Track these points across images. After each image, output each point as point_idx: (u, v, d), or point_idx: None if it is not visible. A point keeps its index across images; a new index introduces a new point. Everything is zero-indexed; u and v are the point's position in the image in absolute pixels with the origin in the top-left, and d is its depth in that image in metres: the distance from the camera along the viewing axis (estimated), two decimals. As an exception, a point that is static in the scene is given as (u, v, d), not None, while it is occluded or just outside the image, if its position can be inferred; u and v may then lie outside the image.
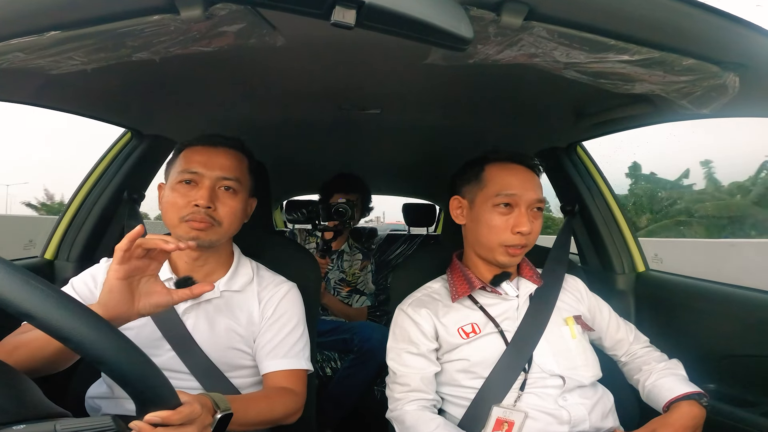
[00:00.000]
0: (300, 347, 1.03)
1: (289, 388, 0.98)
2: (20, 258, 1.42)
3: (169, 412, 0.59)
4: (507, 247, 1.01)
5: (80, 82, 1.06)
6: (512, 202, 1.01)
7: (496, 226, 1.01)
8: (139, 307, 0.77)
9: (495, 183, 1.04)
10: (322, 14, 0.53)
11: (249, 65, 1.08)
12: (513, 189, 1.01)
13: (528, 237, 1.01)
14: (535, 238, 1.04)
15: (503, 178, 1.03)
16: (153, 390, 0.57)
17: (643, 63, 0.72)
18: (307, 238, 2.18)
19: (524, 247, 1.02)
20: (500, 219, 1.01)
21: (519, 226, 0.99)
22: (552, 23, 0.65)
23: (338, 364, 1.82)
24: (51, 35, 0.66)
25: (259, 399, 0.92)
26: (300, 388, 1.00)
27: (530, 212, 1.02)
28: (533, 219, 1.02)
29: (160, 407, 0.59)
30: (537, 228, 1.03)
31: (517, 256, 1.03)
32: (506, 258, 1.03)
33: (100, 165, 1.48)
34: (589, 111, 1.27)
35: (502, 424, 0.94)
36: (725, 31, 0.65)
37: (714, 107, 0.79)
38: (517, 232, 1.00)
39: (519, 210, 1.01)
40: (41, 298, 0.50)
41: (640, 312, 1.46)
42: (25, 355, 0.79)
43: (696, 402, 0.97)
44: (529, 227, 1.00)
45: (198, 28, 0.68)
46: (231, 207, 0.97)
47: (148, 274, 0.77)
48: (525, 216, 1.00)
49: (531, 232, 1.01)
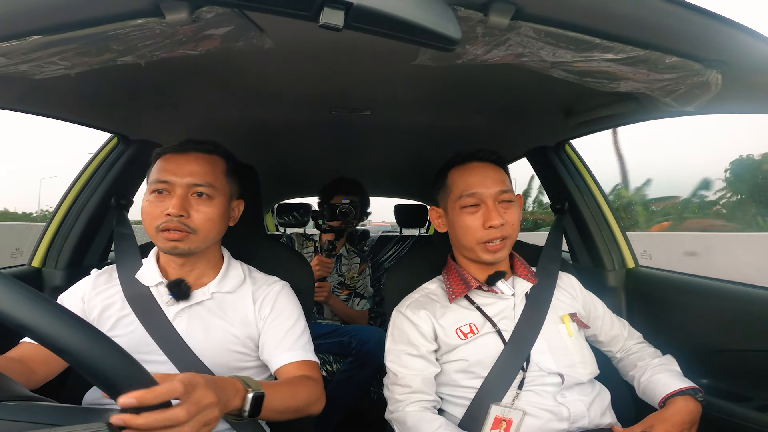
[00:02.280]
0: (305, 340, 1.02)
1: (308, 375, 0.96)
2: (6, 267, 1.40)
3: (142, 391, 0.53)
4: (485, 244, 1.03)
5: (65, 87, 1.05)
6: (477, 201, 1.03)
7: (469, 226, 1.03)
8: None
9: (457, 186, 1.06)
10: (311, 16, 0.53)
11: (237, 68, 1.07)
12: (474, 187, 1.04)
13: (503, 229, 1.02)
14: (513, 229, 1.04)
15: (464, 179, 1.06)
16: (122, 372, 0.52)
17: (627, 61, 0.72)
18: (305, 243, 2.17)
19: (504, 239, 1.03)
20: (471, 219, 1.03)
21: (489, 220, 1.01)
22: (538, 23, 0.66)
23: (333, 367, 1.82)
24: (33, 40, 0.65)
25: (281, 385, 0.90)
26: (317, 375, 0.98)
27: (499, 205, 1.03)
28: (504, 210, 1.03)
29: (134, 389, 0.53)
30: (511, 218, 1.04)
31: (500, 251, 1.03)
32: (488, 255, 1.03)
33: (87, 171, 1.46)
34: (577, 109, 1.28)
35: (501, 423, 0.94)
36: (707, 29, 0.66)
37: (697, 104, 0.80)
38: (489, 226, 1.01)
39: (486, 206, 1.03)
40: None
41: (631, 308, 1.48)
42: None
43: (691, 397, 0.98)
44: (500, 219, 1.01)
45: (184, 32, 0.67)
46: (205, 213, 0.95)
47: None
48: (494, 210, 1.02)
49: (505, 223, 1.02)
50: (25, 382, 0.77)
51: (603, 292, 1.30)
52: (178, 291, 0.97)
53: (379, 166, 2.47)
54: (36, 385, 0.86)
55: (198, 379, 0.64)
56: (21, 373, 0.83)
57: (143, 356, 0.91)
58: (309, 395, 0.92)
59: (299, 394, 0.90)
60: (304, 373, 0.96)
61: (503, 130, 1.57)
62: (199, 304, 0.99)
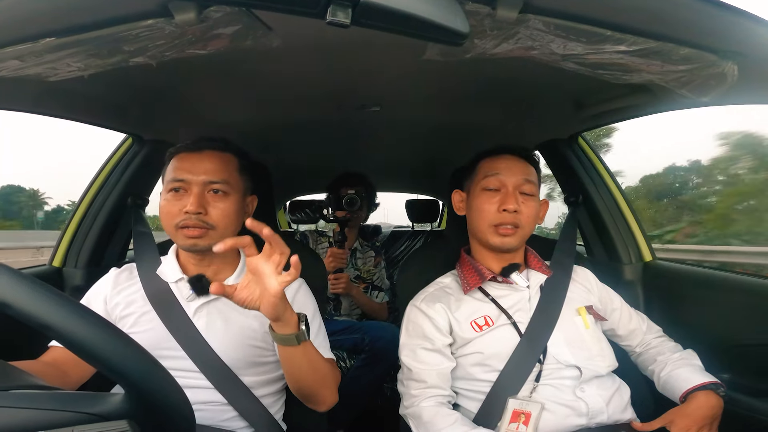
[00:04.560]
0: (322, 337, 1.04)
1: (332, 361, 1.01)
2: (29, 267, 1.43)
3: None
4: (496, 227, 1.04)
5: (79, 89, 1.07)
6: (498, 185, 1.06)
7: (485, 209, 1.06)
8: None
9: (483, 169, 1.09)
10: (318, 13, 0.53)
11: (246, 67, 1.08)
12: (497, 170, 1.07)
13: (517, 217, 1.03)
14: (527, 221, 1.05)
15: (492, 163, 1.09)
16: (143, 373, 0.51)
17: (640, 53, 0.71)
18: (319, 239, 2.19)
19: (516, 228, 1.04)
20: (488, 201, 1.06)
21: (505, 203, 1.03)
22: (548, 15, 0.65)
23: (347, 363, 1.83)
24: (46, 42, 0.66)
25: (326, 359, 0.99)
26: (336, 371, 1.01)
27: (519, 195, 1.05)
28: (523, 201, 1.05)
29: (154, 388, 0.52)
30: (528, 210, 1.05)
31: (509, 236, 1.04)
32: (498, 238, 1.04)
33: (103, 171, 1.48)
34: (589, 102, 1.27)
35: (519, 416, 0.93)
36: (721, 21, 0.65)
37: (713, 95, 0.78)
38: (503, 209, 1.03)
39: (506, 190, 1.05)
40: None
41: (649, 302, 1.45)
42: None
43: (713, 392, 0.97)
44: (516, 205, 1.03)
45: (193, 32, 0.68)
46: (222, 210, 0.97)
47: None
48: (512, 196, 1.04)
49: (520, 212, 1.03)
50: (61, 385, 0.79)
51: (619, 286, 1.28)
52: (199, 286, 0.98)
53: (389, 161, 2.47)
54: (72, 387, 0.89)
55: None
56: (56, 376, 0.86)
57: (163, 352, 0.93)
58: (335, 378, 0.98)
59: (328, 370, 0.97)
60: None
61: (514, 123, 1.55)
62: (218, 299, 1.00)
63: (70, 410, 0.48)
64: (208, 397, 0.94)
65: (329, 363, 0.99)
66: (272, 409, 1.02)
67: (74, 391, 0.55)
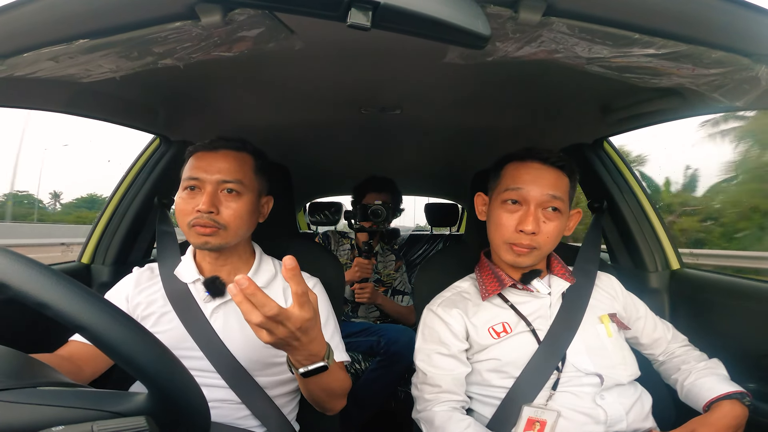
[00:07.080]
0: (337, 340, 1.04)
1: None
2: (59, 263, 1.49)
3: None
4: (511, 245, 0.99)
5: (110, 90, 1.10)
6: (520, 199, 0.99)
7: (502, 224, 1.00)
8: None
9: (506, 178, 1.02)
10: (339, 16, 0.53)
11: (270, 70, 1.10)
12: (520, 183, 0.98)
13: (534, 238, 0.97)
14: (546, 242, 0.99)
15: (516, 173, 1.01)
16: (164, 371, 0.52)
17: (670, 56, 0.69)
18: (341, 240, 2.19)
19: (533, 249, 0.98)
20: (507, 217, 0.99)
21: (523, 224, 0.96)
22: (572, 18, 0.64)
23: (362, 365, 1.83)
24: (79, 44, 0.69)
25: (340, 368, 0.97)
26: (348, 376, 1.00)
27: (542, 212, 0.98)
28: (546, 220, 0.98)
29: (176, 386, 0.53)
30: (549, 230, 0.98)
31: (524, 256, 0.99)
32: (510, 256, 1.00)
33: (132, 171, 1.53)
34: (616, 106, 1.23)
35: (534, 424, 0.91)
36: (753, 23, 0.62)
37: (747, 99, 0.76)
38: (520, 230, 0.97)
39: (527, 208, 0.98)
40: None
41: (675, 311, 1.41)
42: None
43: (738, 401, 0.93)
44: (534, 227, 0.96)
45: (218, 34, 0.69)
46: (234, 210, 0.97)
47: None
48: (532, 215, 0.96)
49: (538, 233, 0.97)
50: (74, 379, 0.81)
51: (645, 294, 1.25)
52: (213, 288, 1.00)
53: (410, 165, 2.46)
54: (84, 382, 0.91)
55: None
56: (70, 370, 0.87)
57: (182, 352, 0.94)
58: (340, 390, 0.95)
59: (345, 380, 0.96)
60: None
61: (537, 126, 1.53)
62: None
63: (94, 408, 0.50)
64: (223, 396, 0.95)
65: (341, 374, 0.98)
66: (285, 409, 1.03)
67: (98, 390, 0.56)
